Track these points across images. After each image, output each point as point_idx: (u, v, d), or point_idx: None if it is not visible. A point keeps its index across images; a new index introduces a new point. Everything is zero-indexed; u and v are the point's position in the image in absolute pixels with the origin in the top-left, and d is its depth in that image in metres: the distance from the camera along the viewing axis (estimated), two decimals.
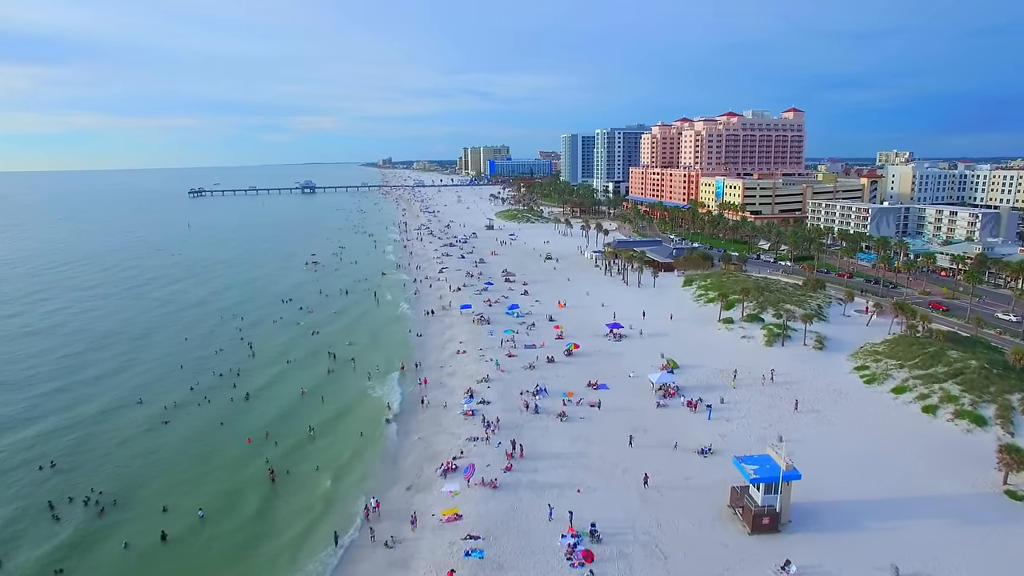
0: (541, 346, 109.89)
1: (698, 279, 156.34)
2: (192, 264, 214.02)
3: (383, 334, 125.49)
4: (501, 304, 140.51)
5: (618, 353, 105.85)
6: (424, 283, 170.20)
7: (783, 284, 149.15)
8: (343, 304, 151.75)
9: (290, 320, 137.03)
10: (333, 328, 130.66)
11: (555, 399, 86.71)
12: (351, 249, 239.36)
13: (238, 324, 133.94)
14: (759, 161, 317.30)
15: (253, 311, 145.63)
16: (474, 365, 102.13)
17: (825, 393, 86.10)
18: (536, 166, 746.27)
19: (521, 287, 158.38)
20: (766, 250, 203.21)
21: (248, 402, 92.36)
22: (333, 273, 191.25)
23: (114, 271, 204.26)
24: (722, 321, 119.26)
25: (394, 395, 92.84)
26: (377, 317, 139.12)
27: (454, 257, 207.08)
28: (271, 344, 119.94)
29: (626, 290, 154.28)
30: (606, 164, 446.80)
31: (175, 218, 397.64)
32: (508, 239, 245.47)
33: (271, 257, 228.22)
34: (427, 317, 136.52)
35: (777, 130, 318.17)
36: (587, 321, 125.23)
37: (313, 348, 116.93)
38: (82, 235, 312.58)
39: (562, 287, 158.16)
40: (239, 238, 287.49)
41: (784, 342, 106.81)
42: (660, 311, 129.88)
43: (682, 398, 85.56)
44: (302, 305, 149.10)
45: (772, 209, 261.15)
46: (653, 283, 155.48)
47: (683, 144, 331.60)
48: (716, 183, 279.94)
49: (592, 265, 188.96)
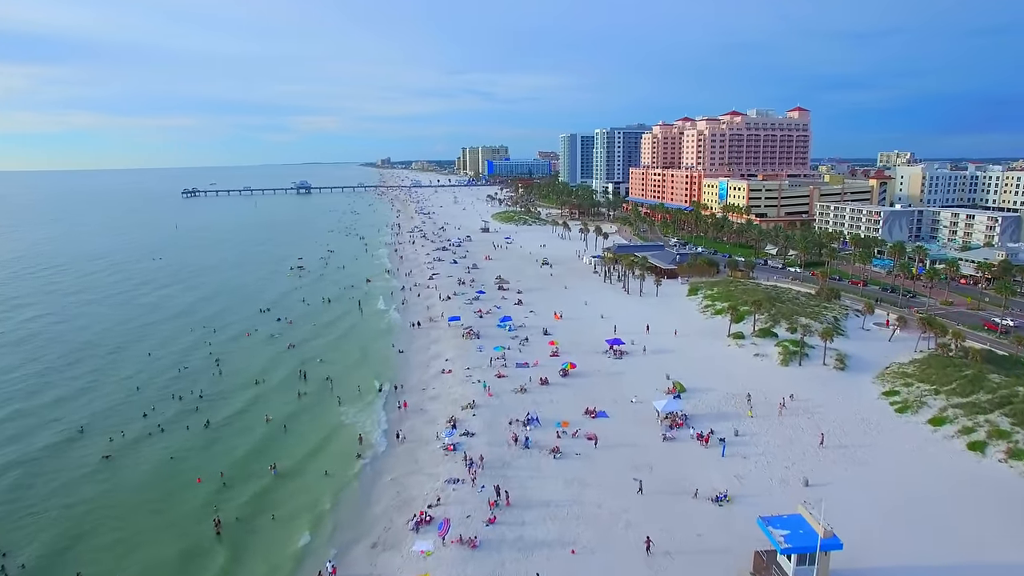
0: (534, 365, 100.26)
1: (704, 287, 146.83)
2: (176, 269, 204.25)
3: (364, 350, 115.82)
4: (493, 315, 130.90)
5: (618, 373, 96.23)
6: (413, 291, 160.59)
7: (794, 293, 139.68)
8: (325, 314, 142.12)
9: (266, 333, 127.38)
10: (311, 342, 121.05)
11: (548, 430, 77.13)
12: (340, 253, 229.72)
13: (210, 338, 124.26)
14: (763, 162, 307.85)
15: (229, 322, 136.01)
16: (460, 387, 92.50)
17: (852, 423, 76.48)
18: (535, 166, 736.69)
19: (515, 295, 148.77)
20: (773, 255, 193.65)
21: (207, 432, 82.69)
22: (318, 279, 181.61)
23: (98, 276, 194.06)
24: (732, 336, 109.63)
25: (369, 424, 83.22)
26: (359, 329, 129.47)
27: (446, 262, 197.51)
28: (242, 362, 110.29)
29: (627, 299, 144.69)
30: (605, 165, 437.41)
31: (166, 219, 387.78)
32: (503, 243, 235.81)
33: (256, 261, 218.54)
34: (413, 329, 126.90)
35: (782, 130, 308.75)
36: (585, 335, 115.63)
37: (287, 366, 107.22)
38: (71, 237, 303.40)
39: (559, 296, 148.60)
40: (226, 241, 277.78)
41: (801, 361, 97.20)
42: (664, 324, 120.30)
43: (691, 429, 75.93)
44: (280, 316, 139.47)
45: (778, 212, 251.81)
46: (656, 291, 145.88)
47: (685, 144, 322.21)
48: (719, 184, 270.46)
49: (591, 271, 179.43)
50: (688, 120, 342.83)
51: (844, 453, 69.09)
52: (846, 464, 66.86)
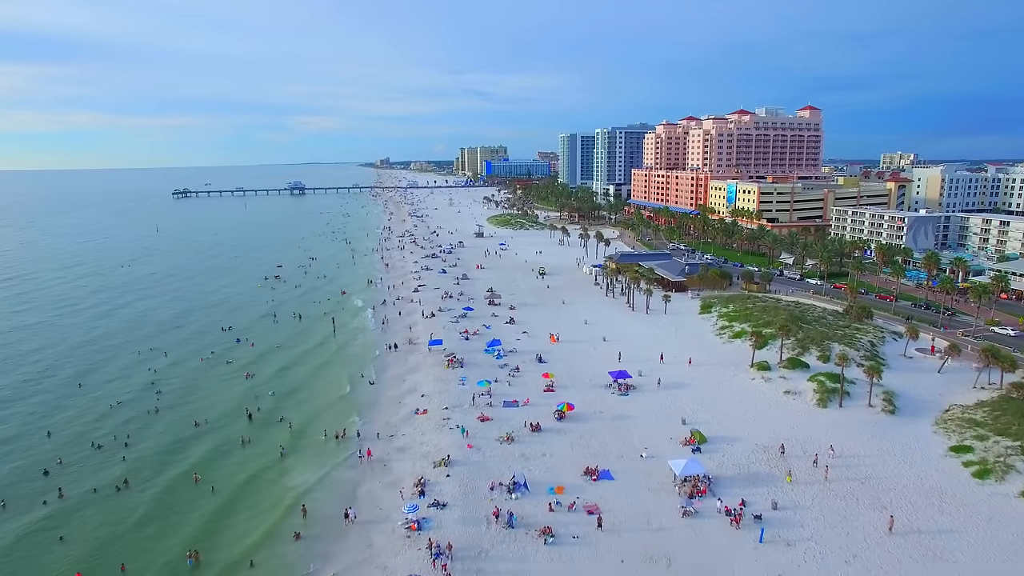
0: (524, 403, 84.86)
1: (717, 303, 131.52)
2: (141, 278, 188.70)
3: (328, 379, 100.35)
4: (480, 337, 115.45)
5: (625, 416, 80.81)
6: (395, 306, 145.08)
7: (819, 311, 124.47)
8: (294, 334, 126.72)
9: (222, 357, 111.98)
10: (271, 369, 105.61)
11: (539, 498, 61.76)
12: (323, 260, 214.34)
13: (157, 363, 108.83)
14: (773, 163, 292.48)
15: (183, 343, 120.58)
16: (434, 434, 77.08)
17: (920, 493, 61.05)
18: (534, 167, 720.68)
19: (507, 312, 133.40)
20: (790, 265, 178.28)
21: (118, 497, 67.20)
22: (293, 291, 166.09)
23: (56, 286, 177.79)
24: (756, 367, 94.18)
25: (317, 488, 67.63)
26: (328, 354, 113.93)
27: (434, 272, 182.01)
28: (186, 395, 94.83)
29: (632, 317, 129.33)
30: (606, 166, 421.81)
31: (150, 222, 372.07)
32: (498, 249, 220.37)
33: (231, 269, 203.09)
34: (389, 354, 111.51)
35: (792, 129, 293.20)
36: (585, 364, 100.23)
37: (237, 401, 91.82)
38: (44, 241, 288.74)
39: (555, 313, 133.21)
40: (205, 245, 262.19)
41: (842, 401, 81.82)
42: (676, 349, 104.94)
43: (717, 500, 60.49)
44: (243, 336, 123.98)
45: (790, 216, 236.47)
46: (664, 308, 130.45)
47: (690, 144, 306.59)
48: (728, 187, 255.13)
49: (591, 282, 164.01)
50: (693, 119, 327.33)
51: (919, 542, 53.53)
52: (925, 560, 51.39)
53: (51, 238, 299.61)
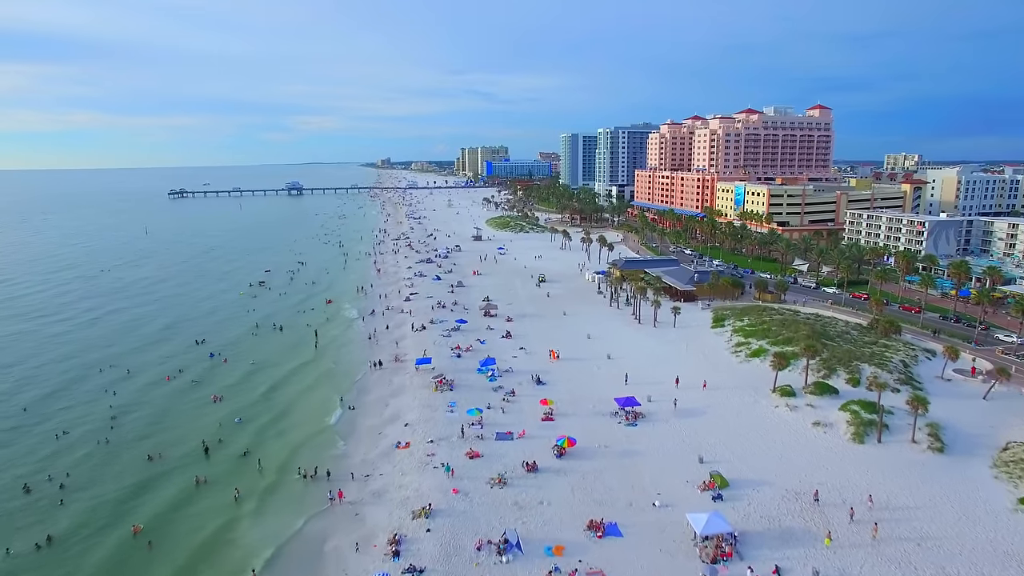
0: (520, 436, 75.11)
1: (731, 316, 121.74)
2: (117, 285, 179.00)
3: (304, 404, 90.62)
4: (474, 354, 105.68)
5: (634, 452, 71.02)
6: (384, 317, 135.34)
7: (840, 325, 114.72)
8: (272, 348, 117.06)
9: (191, 376, 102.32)
10: (243, 390, 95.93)
11: (533, 562, 52.09)
12: (312, 264, 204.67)
13: (119, 384, 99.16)
14: (781, 164, 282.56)
15: (150, 360, 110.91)
16: (416, 474, 67.35)
17: (994, 561, 51.09)
18: (535, 167, 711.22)
19: (504, 324, 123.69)
20: (804, 272, 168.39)
21: (38, 556, 57.53)
22: (277, 299, 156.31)
23: (38, 292, 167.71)
24: (779, 392, 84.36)
25: (278, 547, 57.90)
26: (307, 371, 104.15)
27: (428, 278, 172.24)
28: (144, 424, 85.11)
29: (638, 331, 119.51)
30: (609, 166, 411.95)
31: (141, 223, 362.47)
32: (496, 254, 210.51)
33: (216, 274, 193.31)
34: (373, 372, 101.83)
35: (802, 129, 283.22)
36: (588, 386, 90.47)
37: (200, 429, 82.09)
38: (27, 243, 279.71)
39: (556, 325, 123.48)
40: (193, 248, 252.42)
41: (881, 435, 71.99)
42: (688, 369, 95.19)
43: (748, 569, 50.67)
44: (216, 351, 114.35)
45: (801, 219, 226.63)
46: (673, 320, 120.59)
47: (696, 144, 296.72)
48: (735, 189, 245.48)
49: (594, 290, 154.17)
50: (699, 119, 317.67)
51: None
52: None
53: (40, 240, 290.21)
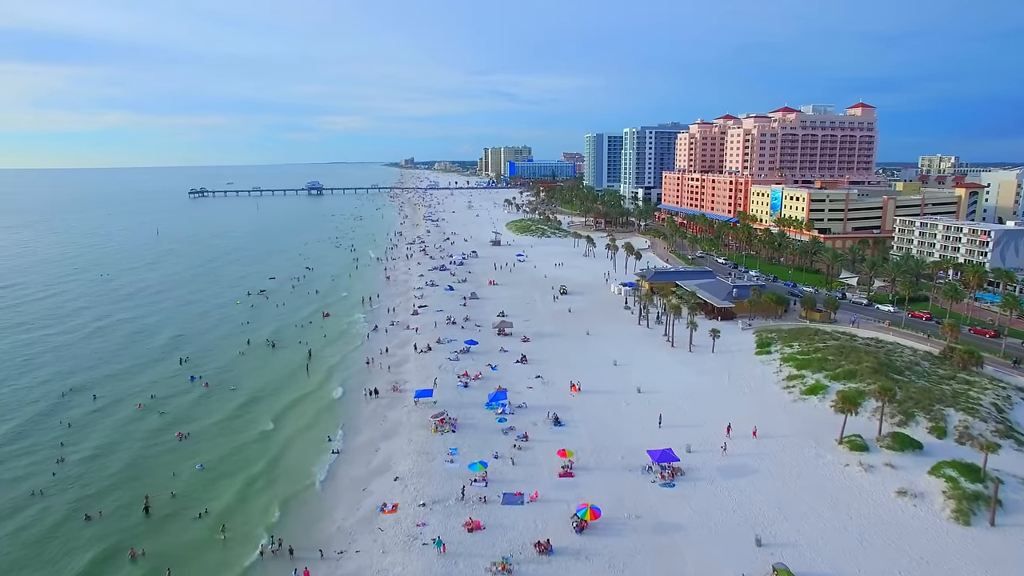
0: (532, 499, 61.50)
1: (778, 340, 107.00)
2: (113, 291, 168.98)
3: (282, 444, 77.88)
4: (483, 383, 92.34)
5: (673, 527, 56.98)
6: (387, 334, 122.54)
7: (907, 352, 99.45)
8: (260, 368, 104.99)
9: (163, 402, 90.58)
10: (213, 424, 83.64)
11: None
12: (320, 271, 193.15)
13: (81, 412, 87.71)
14: (820, 166, 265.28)
15: (125, 382, 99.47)
16: (400, 552, 54.07)
17: None
18: (559, 168, 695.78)
19: (519, 346, 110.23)
20: (853, 287, 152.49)
21: None
22: (275, 310, 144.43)
23: (33, 301, 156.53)
24: (847, 444, 69.61)
25: None
26: (292, 401, 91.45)
27: (440, 288, 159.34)
28: (93, 465, 73.19)
29: (671, 356, 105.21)
30: (635, 168, 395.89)
31: (156, 222, 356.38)
32: (514, 261, 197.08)
33: (218, 280, 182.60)
34: (366, 402, 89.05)
35: (843, 129, 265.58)
36: (615, 429, 76.60)
37: (153, 478, 69.84)
38: (38, 244, 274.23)
39: (578, 347, 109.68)
40: (200, 251, 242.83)
41: (994, 514, 57.05)
42: (732, 406, 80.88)
43: None
44: (198, 372, 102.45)
45: (844, 226, 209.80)
46: (712, 344, 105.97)
47: (728, 145, 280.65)
48: (772, 193, 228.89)
49: (621, 305, 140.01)
50: (731, 118, 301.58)
51: None
52: None
53: (55, 240, 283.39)
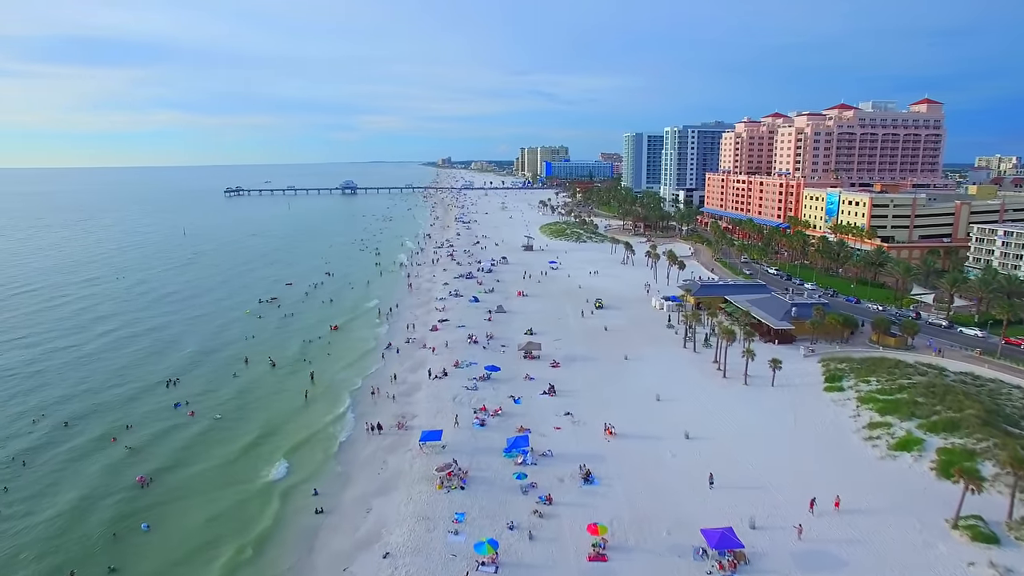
0: None
1: (849, 372, 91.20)
2: (120, 296, 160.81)
3: (255, 499, 65.60)
4: (502, 422, 78.85)
5: None
6: (400, 354, 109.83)
7: (1014, 393, 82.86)
8: (254, 393, 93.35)
9: (137, 433, 79.47)
10: (185, 465, 71.93)
11: None
12: (340, 276, 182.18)
13: (44, 443, 77.14)
14: (880, 168, 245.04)
15: (101, 406, 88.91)
16: None
17: None
18: (596, 168, 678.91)
19: (547, 372, 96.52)
20: (929, 304, 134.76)
21: None
22: (283, 321, 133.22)
23: (48, 309, 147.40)
24: (964, 530, 54.08)
25: None
26: (282, 438, 79.31)
27: (464, 299, 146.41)
28: (37, 522, 62.00)
29: (724, 388, 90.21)
30: (676, 169, 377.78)
31: (187, 221, 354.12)
32: (547, 269, 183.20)
33: (233, 286, 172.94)
34: (366, 442, 76.42)
35: (906, 128, 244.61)
36: (658, 491, 62.30)
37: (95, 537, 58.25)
38: (70, 243, 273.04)
39: (615, 375, 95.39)
40: (222, 252, 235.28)
41: None
42: (803, 460, 65.89)
43: None
44: (185, 399, 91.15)
45: (909, 234, 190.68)
46: (772, 376, 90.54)
47: (778, 145, 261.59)
48: (828, 197, 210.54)
49: (663, 322, 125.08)
50: (780, 116, 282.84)
51: None
52: None
53: (84, 240, 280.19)
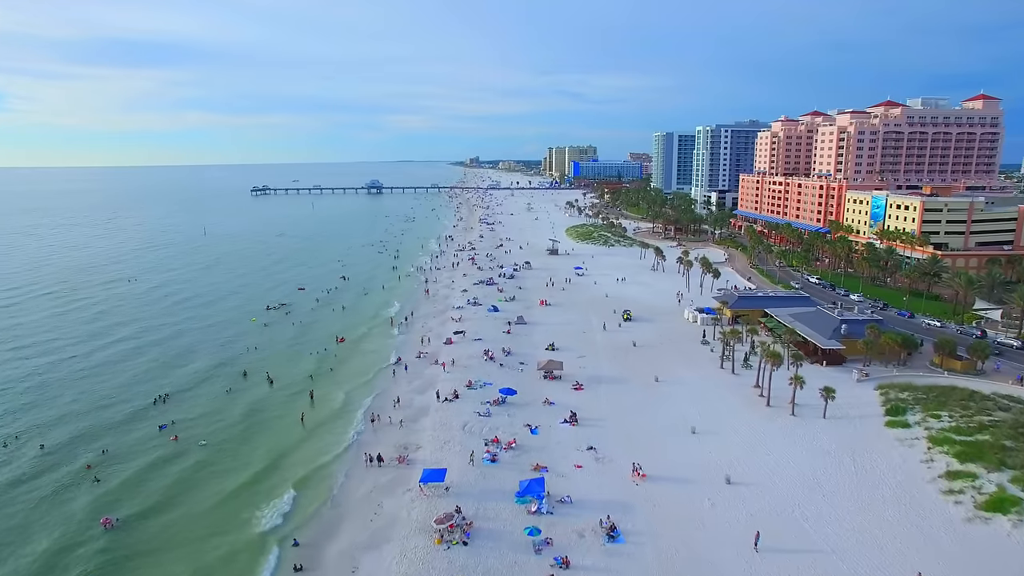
0: None
1: (914, 403, 79.90)
2: (131, 301, 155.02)
3: (224, 550, 57.08)
4: (515, 456, 69.34)
5: None
6: (409, 371, 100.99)
7: None
8: (245, 416, 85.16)
9: (113, 461, 71.73)
10: (154, 504, 63.76)
11: None
12: (355, 281, 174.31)
13: (11, 471, 69.78)
14: (930, 169, 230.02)
15: (92, 428, 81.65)
16: None
17: None
18: (624, 168, 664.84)
19: (569, 396, 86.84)
20: (995, 322, 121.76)
21: None
22: (289, 330, 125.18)
23: (58, 316, 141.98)
24: None
25: None
26: (272, 471, 70.92)
27: (483, 308, 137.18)
28: None
29: (768, 420, 79.48)
30: (708, 169, 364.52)
31: (209, 220, 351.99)
32: (572, 276, 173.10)
33: (247, 289, 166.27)
34: (363, 477, 67.53)
35: (960, 126, 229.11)
36: (697, 556, 52.19)
37: None
38: (99, 240, 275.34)
39: (645, 402, 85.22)
40: (241, 253, 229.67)
41: None
42: (868, 520, 55.23)
43: None
44: (170, 418, 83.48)
45: (965, 241, 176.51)
46: (823, 407, 79.57)
47: (818, 145, 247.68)
48: (873, 200, 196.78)
49: (698, 338, 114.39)
50: (820, 115, 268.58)
51: None
52: None
53: (107, 240, 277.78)
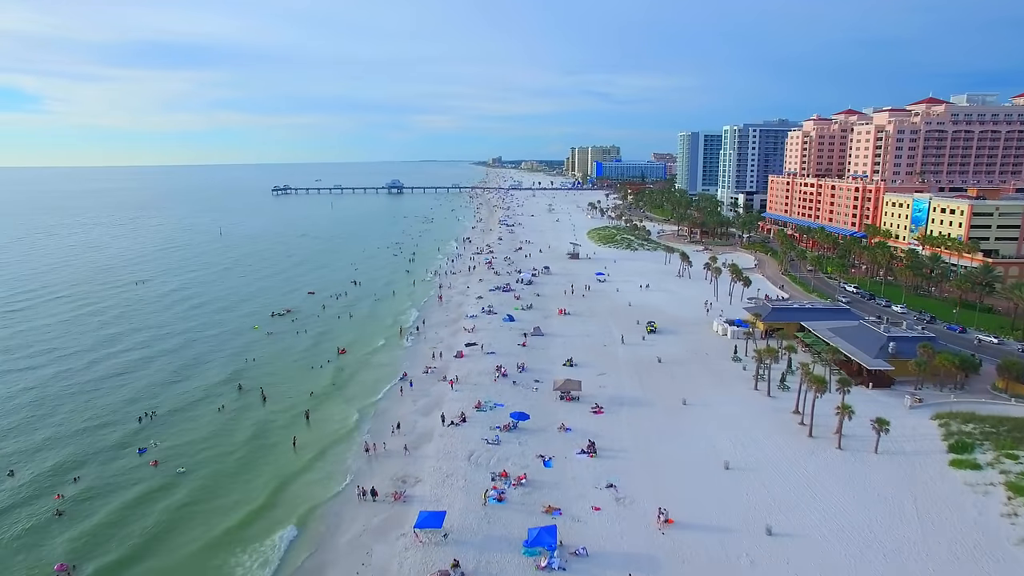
0: None
1: (984, 439, 70.25)
2: (163, 304, 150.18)
3: None
4: (525, 495, 61.24)
5: None
6: (414, 387, 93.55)
7: None
8: (234, 437, 78.25)
9: (85, 491, 65.12)
10: (118, 545, 56.85)
11: None
12: (367, 286, 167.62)
13: None
14: (975, 170, 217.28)
15: (71, 450, 75.39)
16: None
17: None
18: (648, 169, 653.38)
19: (588, 420, 78.55)
20: None
21: None
22: (292, 340, 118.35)
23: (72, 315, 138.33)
24: None
25: None
26: (250, 503, 63.64)
27: (498, 318, 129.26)
28: None
29: (813, 456, 70.32)
30: (735, 170, 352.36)
31: (227, 220, 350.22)
32: (593, 282, 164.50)
33: (256, 293, 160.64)
34: (354, 510, 60.05)
35: (1010, 123, 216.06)
36: None
37: None
38: (118, 240, 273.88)
39: (671, 429, 76.57)
40: (254, 255, 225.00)
41: None
42: None
43: None
44: (150, 440, 76.80)
45: (1019, 247, 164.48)
46: (874, 441, 70.31)
47: (853, 145, 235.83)
48: (914, 203, 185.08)
49: (729, 353, 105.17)
50: (855, 113, 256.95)
51: None
52: None
53: (134, 240, 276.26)
